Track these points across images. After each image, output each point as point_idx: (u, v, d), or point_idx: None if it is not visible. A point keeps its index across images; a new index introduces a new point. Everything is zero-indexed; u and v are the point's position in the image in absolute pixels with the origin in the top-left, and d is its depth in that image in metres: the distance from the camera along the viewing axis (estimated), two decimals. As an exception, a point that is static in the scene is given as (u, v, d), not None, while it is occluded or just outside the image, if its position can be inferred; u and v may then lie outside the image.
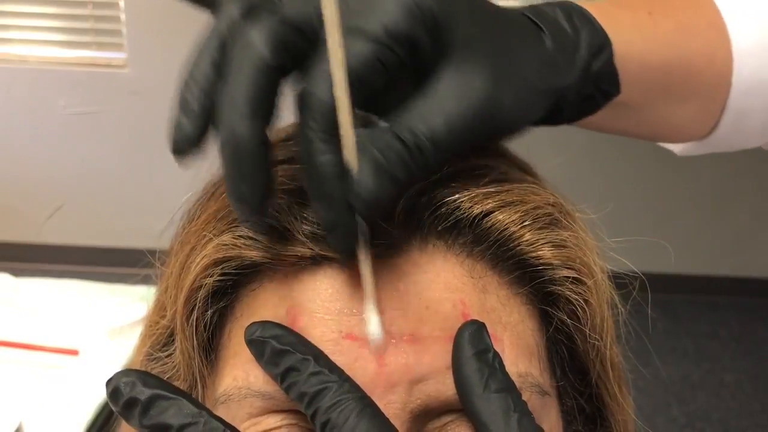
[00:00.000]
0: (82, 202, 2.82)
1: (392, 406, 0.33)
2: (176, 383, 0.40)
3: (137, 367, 0.43)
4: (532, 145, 0.43)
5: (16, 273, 1.38)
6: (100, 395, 1.11)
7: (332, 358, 0.33)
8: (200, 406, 0.31)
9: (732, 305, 2.90)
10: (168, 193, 2.72)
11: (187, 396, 0.31)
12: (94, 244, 2.81)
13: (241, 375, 0.36)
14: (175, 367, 0.40)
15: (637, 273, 0.46)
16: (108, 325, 1.24)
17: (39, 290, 1.33)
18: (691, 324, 2.80)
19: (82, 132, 2.75)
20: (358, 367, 0.34)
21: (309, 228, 0.35)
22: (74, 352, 1.20)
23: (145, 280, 0.44)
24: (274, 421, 0.35)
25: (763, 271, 2.96)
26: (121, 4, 2.61)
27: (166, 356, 0.40)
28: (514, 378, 0.35)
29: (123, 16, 2.62)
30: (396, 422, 0.33)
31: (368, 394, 0.33)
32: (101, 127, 2.74)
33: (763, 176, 2.85)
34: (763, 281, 2.96)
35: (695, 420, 2.35)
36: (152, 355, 0.41)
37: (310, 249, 0.35)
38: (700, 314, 2.86)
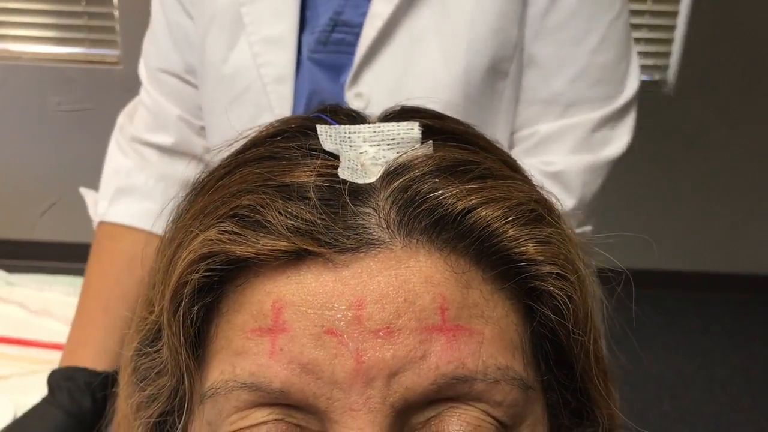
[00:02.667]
0: (76, 199, 2.81)
1: (372, 400, 0.34)
2: (164, 378, 0.40)
3: (127, 362, 0.44)
4: None
5: (10, 270, 1.38)
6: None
7: (313, 352, 0.34)
8: None
9: (723, 301, 2.92)
10: (162, 189, 2.71)
11: None
12: (87, 241, 2.80)
13: (227, 368, 0.36)
14: (163, 362, 0.40)
15: (623, 269, 0.47)
16: (101, 322, 1.25)
17: (33, 286, 1.33)
18: (682, 319, 2.82)
19: (76, 129, 2.74)
20: (338, 363, 0.34)
21: (293, 223, 0.35)
22: (67, 348, 1.20)
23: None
24: (261, 415, 0.35)
25: (754, 267, 2.98)
26: (115, 0, 2.60)
27: (155, 351, 0.41)
28: (494, 371, 0.35)
29: (116, 13, 2.62)
30: (378, 416, 0.34)
31: (348, 388, 0.34)
32: (95, 124, 2.73)
33: (752, 173, 2.86)
34: (754, 277, 2.98)
35: (687, 415, 2.36)
36: (141, 350, 0.42)
37: (294, 243, 0.35)
38: (691, 310, 2.87)
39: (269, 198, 0.36)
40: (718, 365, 2.59)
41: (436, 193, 0.36)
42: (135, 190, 0.94)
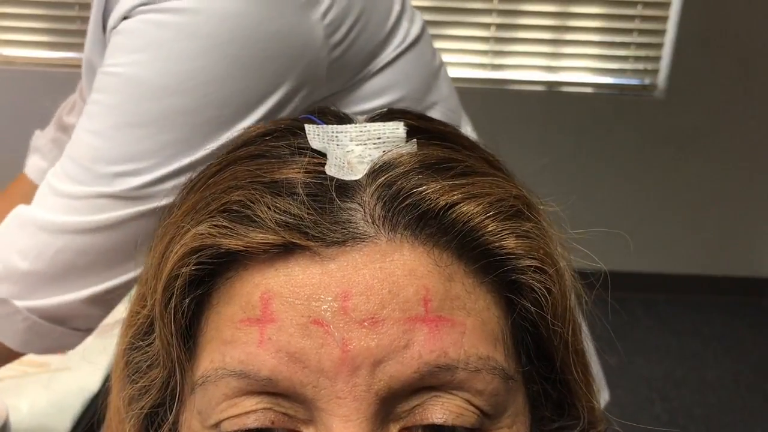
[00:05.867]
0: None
1: (357, 388, 0.35)
2: (156, 370, 0.41)
3: (119, 357, 0.44)
4: (523, 148, 0.47)
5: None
6: (86, 391, 1.12)
7: (300, 341, 0.35)
8: None
9: (714, 304, 2.94)
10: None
11: None
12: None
13: (217, 357, 0.37)
14: (155, 355, 0.41)
15: (603, 267, 0.48)
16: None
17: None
18: (673, 322, 2.83)
19: (69, 133, 2.75)
20: (324, 351, 0.35)
21: (281, 217, 0.37)
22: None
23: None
24: (250, 403, 0.36)
25: (745, 270, 3.00)
26: (108, 5, 2.61)
27: (147, 345, 0.42)
28: (475, 360, 0.37)
29: (110, 17, 2.63)
30: (363, 404, 0.35)
31: (334, 377, 0.35)
32: (88, 127, 2.74)
33: (743, 177, 2.88)
34: (745, 280, 3.00)
35: (678, 417, 2.37)
36: (133, 344, 0.43)
37: (282, 237, 0.37)
38: (683, 313, 2.89)
39: (259, 194, 0.37)
40: (709, 367, 2.61)
41: (419, 189, 0.38)
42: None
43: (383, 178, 0.38)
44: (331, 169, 0.39)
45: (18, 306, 0.67)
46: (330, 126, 0.41)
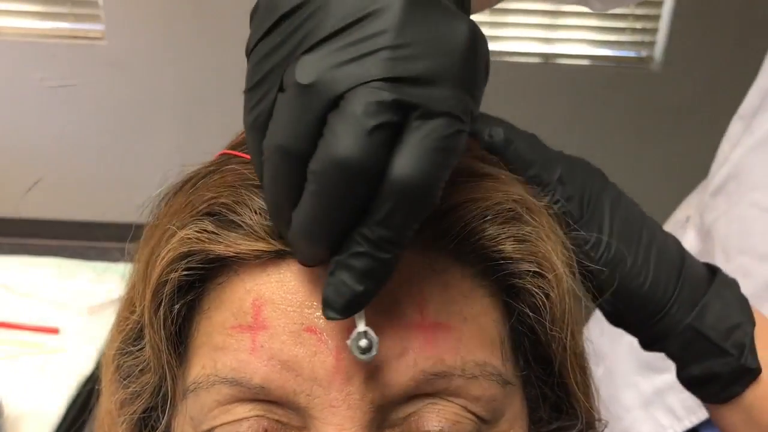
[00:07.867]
0: (61, 175, 2.79)
1: (351, 397, 0.35)
2: (147, 376, 0.41)
3: (109, 361, 0.44)
4: (517, 120, 0.46)
5: (-6, 247, 1.38)
6: (81, 373, 1.12)
7: (293, 349, 0.35)
8: None
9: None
10: (147, 165, 2.70)
11: None
12: (72, 218, 2.79)
13: (209, 363, 0.37)
14: (145, 360, 0.40)
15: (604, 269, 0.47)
16: (88, 303, 1.25)
17: (19, 268, 1.33)
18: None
19: (60, 105, 2.72)
20: (318, 359, 0.35)
21: (269, 224, 0.36)
22: (54, 330, 1.20)
23: (125, 257, 0.45)
24: (242, 410, 0.36)
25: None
26: (98, -26, 2.57)
27: (137, 350, 0.41)
28: (472, 367, 0.36)
29: (100, -13, 2.58)
30: (357, 413, 0.34)
31: (328, 385, 0.34)
32: (79, 99, 2.71)
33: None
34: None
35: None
36: (123, 349, 0.42)
37: (272, 244, 0.36)
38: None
39: (247, 197, 0.36)
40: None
41: None
42: None
43: None
44: None
45: None
46: None
